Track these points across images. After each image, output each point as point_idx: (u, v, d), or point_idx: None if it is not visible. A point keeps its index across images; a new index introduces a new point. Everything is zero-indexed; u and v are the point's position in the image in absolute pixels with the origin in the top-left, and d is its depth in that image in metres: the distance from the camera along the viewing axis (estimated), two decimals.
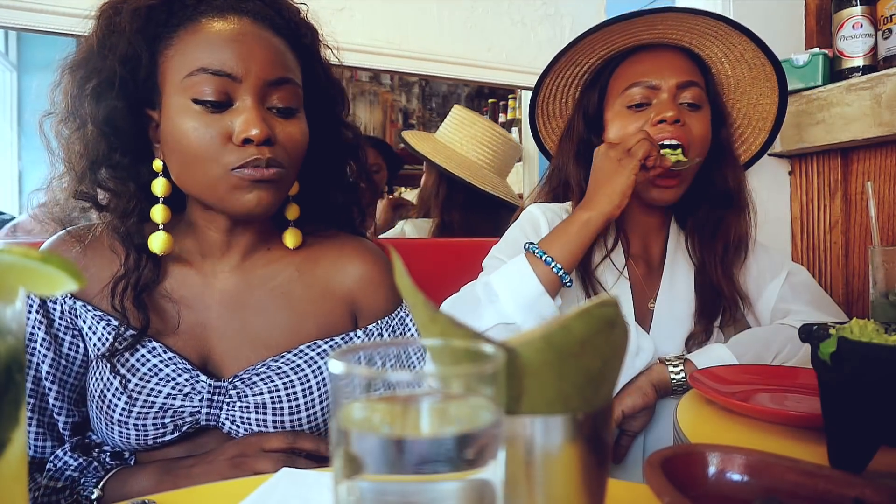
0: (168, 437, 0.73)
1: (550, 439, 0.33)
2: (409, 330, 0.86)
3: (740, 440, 0.62)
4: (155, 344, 0.74)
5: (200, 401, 0.73)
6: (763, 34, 1.06)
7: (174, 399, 0.73)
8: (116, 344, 0.72)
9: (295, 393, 0.75)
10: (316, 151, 0.80)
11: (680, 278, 1.06)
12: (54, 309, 0.75)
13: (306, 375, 0.76)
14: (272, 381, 0.74)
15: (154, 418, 0.72)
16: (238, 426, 0.74)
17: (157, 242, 0.74)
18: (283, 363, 0.76)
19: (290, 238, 0.81)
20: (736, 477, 0.44)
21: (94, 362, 0.75)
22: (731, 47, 1.06)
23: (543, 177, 1.18)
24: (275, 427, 0.74)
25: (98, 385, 0.73)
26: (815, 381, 0.54)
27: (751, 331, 1.02)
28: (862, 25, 1.29)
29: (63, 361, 0.75)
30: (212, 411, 0.74)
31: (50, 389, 0.74)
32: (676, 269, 1.07)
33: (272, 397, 0.74)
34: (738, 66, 1.09)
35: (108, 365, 0.73)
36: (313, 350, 0.78)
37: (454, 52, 1.59)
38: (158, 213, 0.75)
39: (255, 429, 0.73)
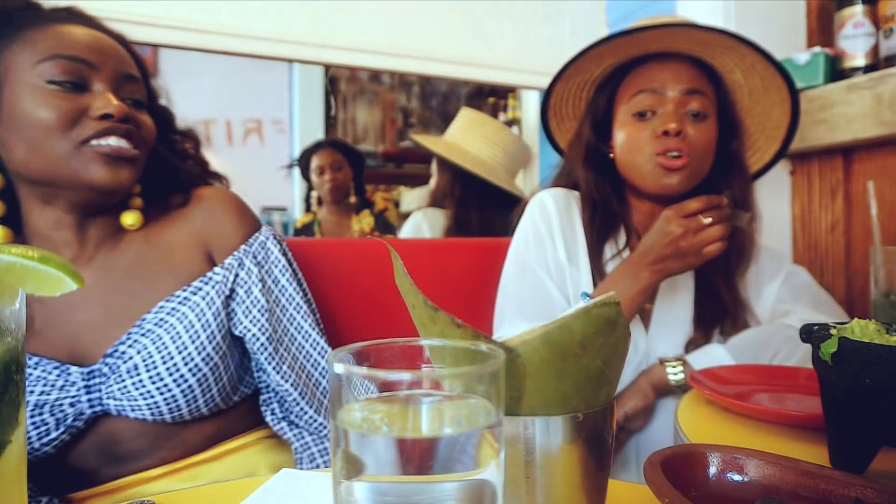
0: (55, 435, 0.73)
1: (550, 439, 0.33)
2: (272, 253, 0.87)
3: (740, 440, 0.62)
4: None
5: (77, 390, 0.74)
6: (764, 33, 1.06)
7: (48, 395, 0.73)
8: None
9: (164, 344, 0.76)
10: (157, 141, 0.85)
11: (680, 282, 1.06)
12: None
13: (172, 325, 0.77)
14: (139, 343, 0.76)
15: (31, 417, 0.72)
16: (120, 399, 0.75)
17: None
18: (145, 324, 0.77)
19: (129, 218, 0.82)
20: (736, 477, 0.44)
21: None
22: (742, 58, 1.05)
23: (552, 175, 1.19)
24: (153, 383, 0.75)
25: None
26: (816, 382, 0.54)
27: (749, 331, 1.02)
28: (863, 24, 1.29)
29: None
30: (92, 396, 0.75)
31: None
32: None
33: (142, 356, 0.75)
34: (750, 76, 1.08)
35: None
36: (172, 302, 0.79)
37: (454, 51, 1.59)
38: None
39: (135, 392, 0.75)
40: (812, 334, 0.53)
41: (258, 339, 0.83)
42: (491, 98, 3.41)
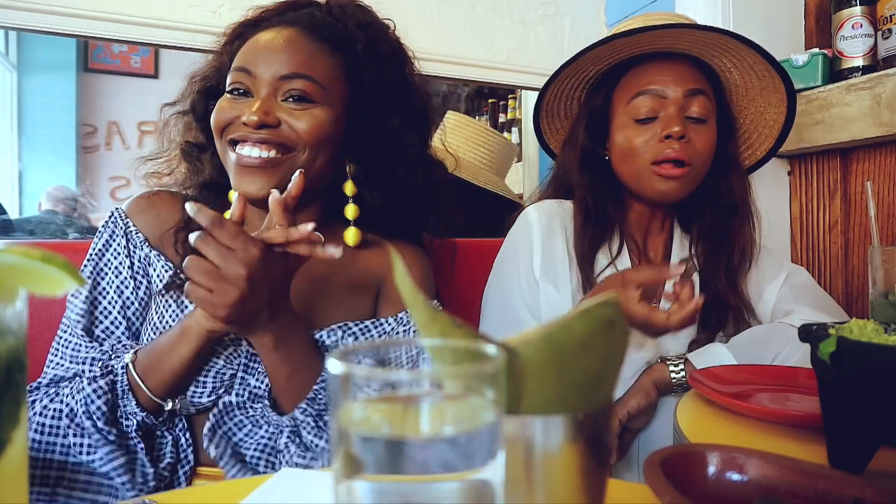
0: (205, 399, 0.77)
1: (550, 439, 0.33)
2: None
3: (740, 440, 0.62)
4: None
5: (238, 365, 0.78)
6: (763, 34, 1.06)
7: (217, 358, 0.78)
8: (176, 279, 0.81)
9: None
10: (373, 156, 0.87)
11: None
12: (135, 237, 0.85)
13: None
14: None
15: (198, 373, 0.76)
16: (263, 395, 0.77)
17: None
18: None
19: (350, 236, 0.87)
20: (736, 477, 0.44)
21: (155, 297, 0.83)
22: (741, 59, 1.05)
23: (546, 179, 1.18)
24: None
25: (155, 316, 0.81)
26: (815, 381, 0.55)
27: (750, 330, 1.02)
28: (861, 25, 1.29)
29: (132, 286, 0.84)
30: (246, 376, 0.78)
31: (112, 306, 0.82)
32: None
33: None
34: (747, 76, 1.08)
35: (172, 297, 0.81)
36: (343, 330, 0.82)
37: (454, 51, 1.59)
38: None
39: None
40: (811, 334, 0.53)
41: None
42: (491, 99, 3.41)
